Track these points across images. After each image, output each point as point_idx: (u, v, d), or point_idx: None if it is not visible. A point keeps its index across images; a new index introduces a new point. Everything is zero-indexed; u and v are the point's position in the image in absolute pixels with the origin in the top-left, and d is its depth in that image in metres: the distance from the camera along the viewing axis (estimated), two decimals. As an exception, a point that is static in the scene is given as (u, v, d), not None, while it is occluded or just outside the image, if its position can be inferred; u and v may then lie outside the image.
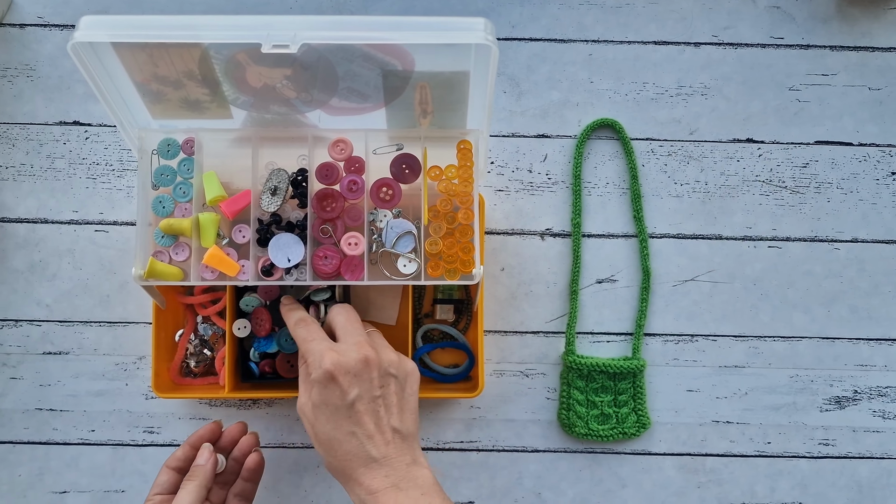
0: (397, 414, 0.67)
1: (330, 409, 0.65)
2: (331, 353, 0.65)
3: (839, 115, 0.86)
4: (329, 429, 0.65)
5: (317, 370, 0.65)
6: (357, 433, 0.65)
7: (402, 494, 0.63)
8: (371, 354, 0.66)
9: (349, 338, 0.67)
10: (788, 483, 0.84)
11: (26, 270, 0.84)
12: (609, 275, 0.86)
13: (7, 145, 0.85)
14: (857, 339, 0.85)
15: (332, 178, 0.75)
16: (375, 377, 0.66)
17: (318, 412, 0.65)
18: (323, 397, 0.65)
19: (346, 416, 0.65)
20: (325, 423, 0.65)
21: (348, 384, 0.65)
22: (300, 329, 0.69)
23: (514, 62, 0.86)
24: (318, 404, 0.65)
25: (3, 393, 0.84)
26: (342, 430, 0.65)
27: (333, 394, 0.65)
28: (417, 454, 0.67)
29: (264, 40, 0.62)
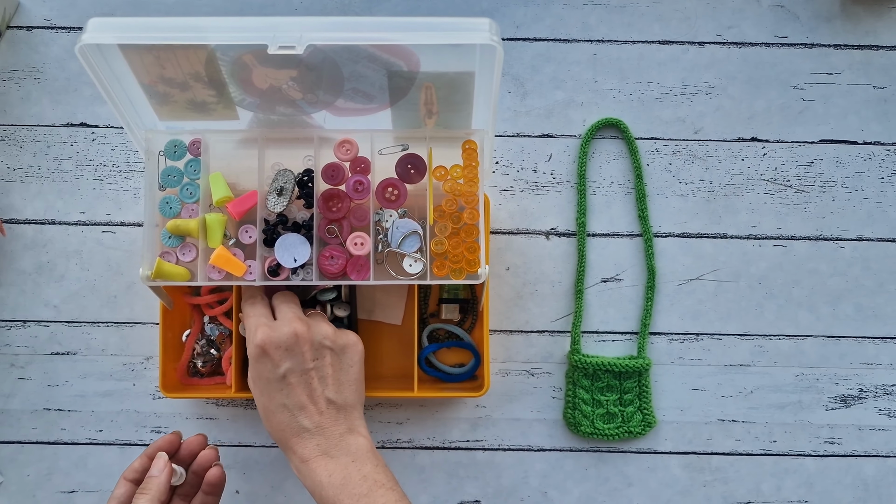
0: (333, 385, 0.69)
1: (263, 381, 0.68)
2: (263, 328, 0.68)
3: (844, 113, 0.86)
4: (264, 401, 0.68)
5: (250, 345, 0.68)
6: (288, 405, 0.68)
7: (333, 462, 0.66)
8: (301, 329, 0.68)
9: (284, 315, 0.70)
10: (794, 481, 0.85)
11: (34, 271, 0.85)
12: (614, 274, 0.86)
13: (15, 147, 0.86)
14: (863, 338, 0.85)
15: (338, 179, 0.75)
16: (307, 350, 0.68)
17: (255, 385, 0.69)
18: (257, 371, 0.68)
19: (277, 388, 0.68)
20: (259, 395, 0.69)
21: (279, 357, 0.68)
22: (246, 306, 0.72)
23: (519, 62, 0.87)
24: (255, 377, 0.69)
25: (11, 393, 0.84)
26: (275, 401, 0.68)
27: (265, 367, 0.68)
28: (356, 424, 0.69)
29: (270, 41, 0.62)
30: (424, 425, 0.85)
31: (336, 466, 0.66)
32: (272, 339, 0.68)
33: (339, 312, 0.79)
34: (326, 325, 0.70)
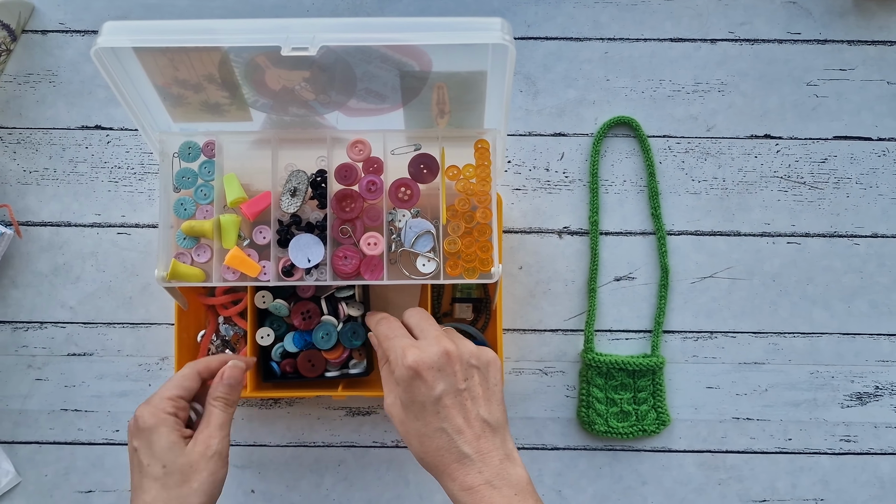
0: (484, 405, 0.65)
1: (417, 405, 0.64)
2: (412, 350, 0.64)
3: (857, 109, 0.86)
4: (419, 426, 0.64)
5: (400, 368, 0.64)
6: (446, 428, 0.63)
7: (497, 493, 0.62)
8: (451, 347, 0.65)
9: (427, 333, 0.67)
10: (810, 479, 0.84)
11: (50, 273, 0.86)
12: (627, 272, 0.86)
13: (31, 150, 0.86)
14: (878, 335, 0.85)
15: (351, 179, 0.75)
16: (458, 370, 0.65)
17: (407, 410, 0.65)
18: (409, 394, 0.64)
19: (433, 411, 0.64)
20: (413, 420, 0.64)
21: (433, 379, 0.64)
22: (381, 326, 0.69)
23: (531, 61, 0.87)
24: (406, 402, 0.64)
25: (29, 394, 0.85)
26: (431, 426, 0.64)
27: (419, 390, 0.64)
28: (510, 448, 0.65)
29: (283, 43, 0.62)
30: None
31: (501, 499, 0.62)
32: (424, 360, 0.64)
33: (352, 312, 0.80)
34: (468, 342, 0.67)
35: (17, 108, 0.86)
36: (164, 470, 0.65)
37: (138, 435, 0.66)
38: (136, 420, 0.67)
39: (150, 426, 0.66)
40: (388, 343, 0.67)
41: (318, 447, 0.85)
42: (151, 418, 0.66)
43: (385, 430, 0.85)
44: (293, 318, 0.79)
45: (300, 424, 0.85)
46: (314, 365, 0.80)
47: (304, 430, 0.85)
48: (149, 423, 0.66)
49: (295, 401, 0.85)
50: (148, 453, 0.66)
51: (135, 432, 0.67)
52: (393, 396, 0.66)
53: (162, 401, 0.67)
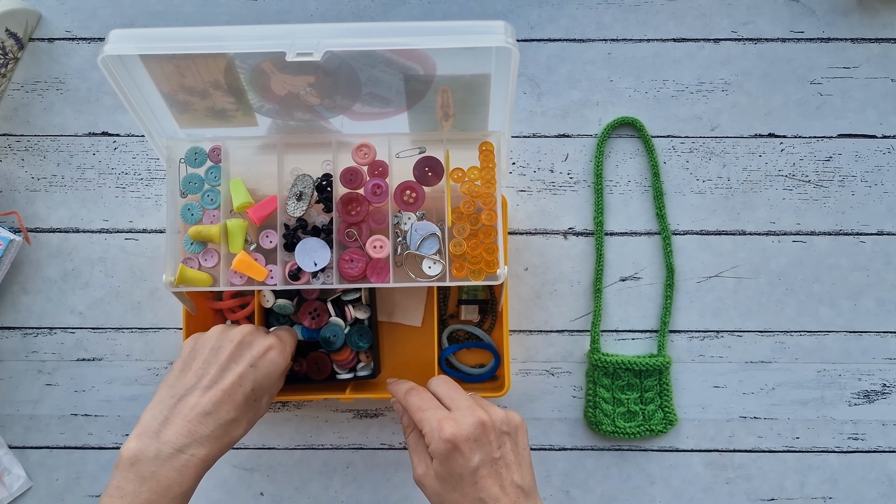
0: (517, 471, 0.65)
1: (454, 478, 0.64)
2: (449, 422, 0.64)
3: (862, 107, 0.86)
4: (456, 497, 0.64)
5: (437, 441, 0.64)
6: (484, 498, 0.63)
7: None
8: (485, 417, 0.65)
9: (459, 404, 0.66)
10: (818, 478, 0.84)
11: (59, 279, 0.86)
12: (633, 272, 0.86)
13: (39, 157, 0.87)
14: (885, 333, 0.85)
15: (357, 183, 0.76)
16: (493, 439, 0.65)
17: (443, 482, 0.64)
18: (447, 467, 0.64)
19: (471, 482, 0.64)
20: (451, 492, 0.64)
21: (470, 451, 0.64)
22: (412, 397, 0.68)
23: (534, 63, 0.87)
24: (443, 475, 0.64)
25: (39, 399, 0.86)
26: (469, 497, 0.64)
27: (457, 462, 0.64)
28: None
29: (288, 49, 0.63)
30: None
31: None
32: (461, 432, 0.63)
33: (359, 314, 0.80)
34: (498, 409, 0.67)
35: (24, 116, 0.87)
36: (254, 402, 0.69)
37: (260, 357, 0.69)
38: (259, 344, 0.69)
39: (280, 368, 0.70)
40: (421, 415, 0.66)
41: (326, 450, 0.85)
42: (282, 359, 0.71)
43: (393, 432, 0.85)
44: (302, 319, 0.79)
45: (308, 427, 0.86)
46: (320, 368, 0.81)
47: (313, 433, 0.86)
48: (278, 362, 0.70)
49: (303, 403, 0.86)
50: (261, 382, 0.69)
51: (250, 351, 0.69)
52: (424, 467, 0.66)
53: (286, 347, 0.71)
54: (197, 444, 0.64)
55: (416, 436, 0.67)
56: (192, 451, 0.64)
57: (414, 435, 0.68)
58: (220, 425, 0.66)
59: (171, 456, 0.63)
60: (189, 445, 0.64)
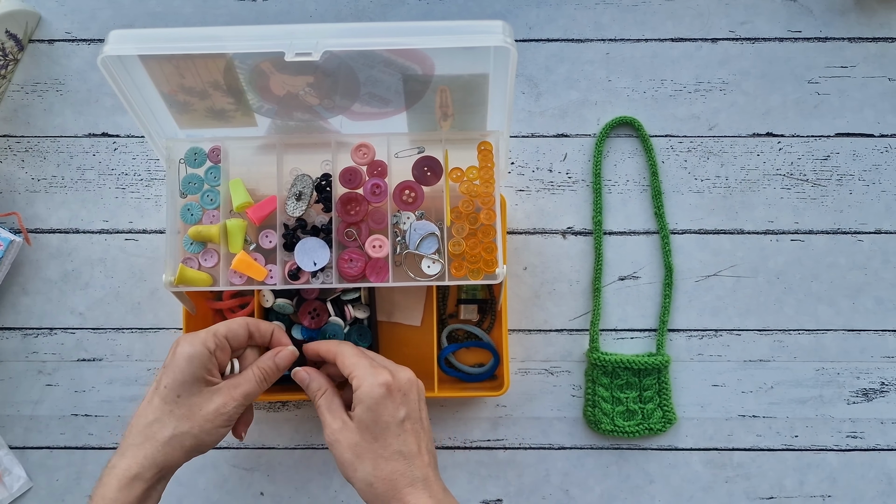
0: (429, 438, 0.68)
1: (380, 426, 0.65)
2: (383, 371, 0.66)
3: (859, 106, 0.86)
4: (376, 448, 0.64)
5: (370, 386, 0.65)
6: (404, 452, 0.65)
7: None
8: (412, 376, 0.67)
9: (385, 362, 0.68)
10: (817, 476, 0.84)
11: (60, 280, 0.86)
12: (631, 272, 0.86)
13: (39, 158, 0.87)
14: (884, 331, 0.85)
15: (356, 182, 0.76)
16: (416, 398, 0.67)
17: (365, 432, 0.65)
18: (374, 413, 0.64)
19: (395, 433, 0.65)
20: (371, 441, 0.65)
21: (400, 401, 0.65)
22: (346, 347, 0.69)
23: (533, 63, 0.87)
24: (367, 422, 0.65)
25: (39, 400, 0.86)
26: (390, 448, 0.64)
27: (386, 410, 0.65)
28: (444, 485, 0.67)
29: (287, 49, 0.63)
30: (445, 425, 0.85)
31: None
32: (395, 383, 0.65)
33: (358, 314, 0.80)
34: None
35: (24, 117, 0.87)
36: (177, 399, 0.65)
37: (172, 356, 0.67)
38: (176, 344, 0.67)
39: (186, 354, 0.66)
40: (355, 360, 0.67)
41: (325, 449, 0.86)
42: (189, 346, 0.66)
43: (393, 432, 0.85)
44: (302, 319, 0.79)
45: (308, 427, 0.86)
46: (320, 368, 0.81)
47: (312, 433, 0.86)
48: (185, 350, 0.66)
49: (302, 403, 0.86)
50: (171, 376, 0.66)
51: (170, 353, 0.67)
52: (341, 423, 0.66)
53: (207, 334, 0.67)
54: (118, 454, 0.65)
55: (331, 396, 0.68)
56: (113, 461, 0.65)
57: (327, 395, 0.68)
58: (139, 430, 0.65)
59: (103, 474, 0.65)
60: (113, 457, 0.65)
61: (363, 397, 0.65)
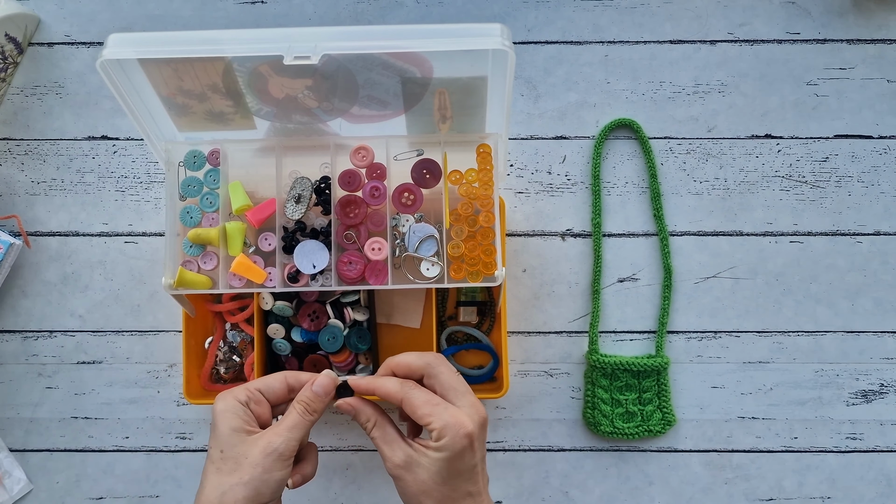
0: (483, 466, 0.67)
1: (454, 473, 0.63)
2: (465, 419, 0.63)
3: (858, 108, 0.86)
4: (446, 491, 0.63)
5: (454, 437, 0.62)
6: (473, 493, 0.64)
7: None
8: (484, 413, 0.65)
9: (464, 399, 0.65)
10: (816, 477, 0.84)
11: (59, 282, 0.87)
12: (630, 273, 0.86)
13: (38, 161, 0.87)
14: (883, 332, 0.85)
15: (355, 185, 0.76)
16: (485, 437, 0.66)
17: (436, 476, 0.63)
18: (454, 463, 0.63)
19: (467, 477, 0.64)
20: (440, 485, 0.63)
21: (478, 447, 0.64)
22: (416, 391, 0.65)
23: (531, 65, 0.87)
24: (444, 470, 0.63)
25: (39, 402, 0.86)
26: (460, 491, 0.64)
27: (465, 458, 0.63)
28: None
29: (286, 52, 0.63)
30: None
31: None
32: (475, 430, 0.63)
33: (358, 316, 0.80)
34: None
35: (24, 120, 0.88)
36: (221, 455, 0.63)
37: (213, 419, 0.65)
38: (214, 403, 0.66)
39: (219, 410, 0.64)
40: (430, 409, 0.64)
41: (325, 451, 0.86)
42: (221, 402, 0.65)
43: (392, 434, 0.86)
44: (301, 321, 0.80)
45: (308, 429, 0.86)
46: (319, 370, 0.81)
47: (312, 435, 0.85)
48: (219, 406, 0.65)
49: (302, 406, 0.86)
50: (213, 435, 0.64)
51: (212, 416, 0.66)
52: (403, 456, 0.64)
53: (239, 388, 0.66)
54: None
55: (383, 425, 0.66)
56: None
57: (379, 426, 0.66)
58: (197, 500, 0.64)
59: None
60: None
61: (445, 448, 0.63)
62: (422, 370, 0.66)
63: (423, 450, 0.64)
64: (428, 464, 0.63)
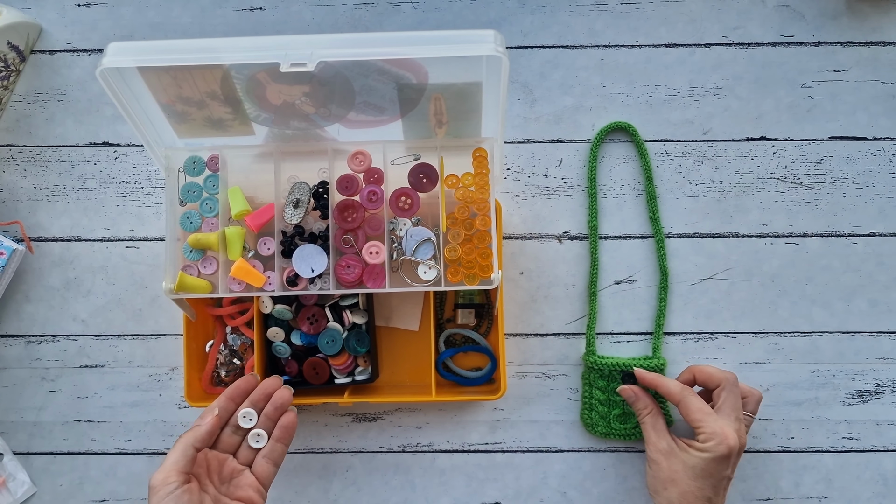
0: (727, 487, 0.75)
1: (706, 475, 0.73)
2: (733, 433, 0.73)
3: (852, 110, 0.87)
4: (694, 487, 0.73)
5: (719, 444, 0.72)
6: (711, 499, 0.73)
7: None
8: (745, 439, 0.75)
9: (737, 423, 0.74)
10: (813, 478, 0.85)
11: (62, 287, 0.88)
12: (627, 275, 0.87)
13: (40, 167, 0.88)
14: (878, 333, 0.86)
15: (353, 190, 0.77)
16: (738, 463, 0.75)
17: (692, 470, 0.73)
18: (711, 466, 0.73)
19: (713, 485, 0.73)
20: (692, 479, 0.73)
21: (733, 463, 0.74)
22: (693, 398, 0.76)
23: (527, 70, 0.88)
24: (701, 468, 0.73)
25: (43, 406, 0.87)
26: (702, 493, 0.73)
27: (721, 466, 0.73)
28: None
29: (283, 59, 0.64)
30: (443, 429, 0.86)
31: None
32: (738, 447, 0.73)
33: (356, 319, 0.81)
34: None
35: (26, 127, 0.89)
36: None
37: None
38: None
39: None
40: (702, 416, 0.74)
41: (325, 453, 0.86)
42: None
43: (392, 436, 0.86)
44: (300, 324, 0.80)
45: (308, 431, 0.87)
46: (319, 373, 0.82)
47: (312, 437, 0.87)
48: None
49: (302, 408, 0.87)
50: None
51: None
52: (667, 445, 0.76)
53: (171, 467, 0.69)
54: None
55: (656, 415, 0.78)
56: None
57: (652, 414, 0.78)
58: None
59: None
60: None
61: (710, 450, 0.73)
62: (720, 381, 0.76)
63: (685, 447, 0.75)
64: (686, 458, 0.74)
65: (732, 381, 0.76)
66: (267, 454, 0.73)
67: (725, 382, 0.76)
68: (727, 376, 0.76)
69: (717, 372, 0.77)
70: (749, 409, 0.78)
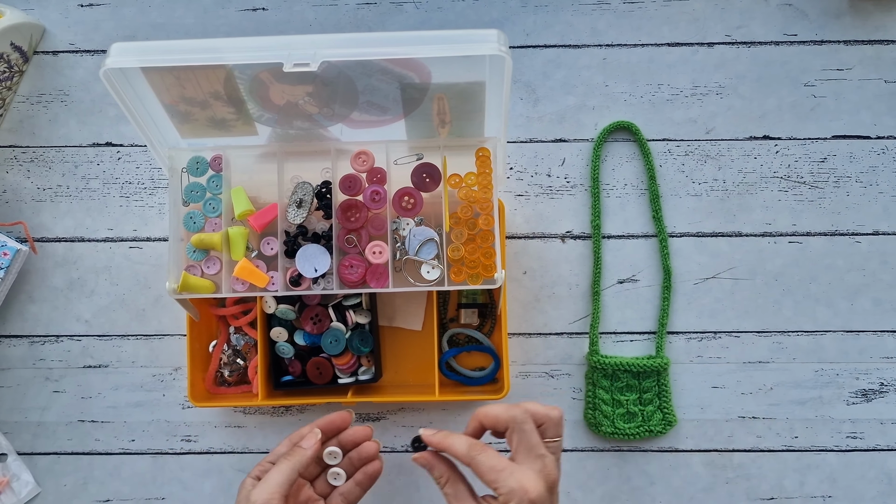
0: None
1: None
2: (531, 484, 0.64)
3: (856, 108, 0.87)
4: None
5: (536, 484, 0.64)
6: None
7: None
8: (555, 475, 0.66)
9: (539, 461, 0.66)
10: (817, 477, 0.85)
11: (65, 288, 0.88)
12: (630, 275, 0.87)
13: (44, 168, 0.89)
14: (882, 332, 0.85)
15: (356, 190, 0.77)
16: (555, 499, 0.66)
17: None
18: None
19: None
20: None
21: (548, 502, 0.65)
22: (482, 457, 0.66)
23: (530, 69, 0.88)
24: None
25: (47, 406, 0.87)
26: None
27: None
28: None
29: (286, 59, 0.64)
30: (447, 428, 0.86)
31: None
32: (541, 497, 0.64)
33: (360, 319, 0.81)
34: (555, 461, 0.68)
35: (30, 128, 0.89)
36: None
37: None
38: None
39: None
40: (496, 475, 0.65)
41: (329, 453, 0.86)
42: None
43: (395, 436, 0.86)
44: (304, 324, 0.80)
45: (311, 431, 0.86)
46: (322, 373, 0.82)
47: (316, 437, 0.86)
48: None
49: (306, 408, 0.87)
50: None
51: None
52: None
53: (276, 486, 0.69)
54: None
55: (455, 483, 0.68)
56: None
57: (451, 483, 0.68)
58: None
59: None
60: None
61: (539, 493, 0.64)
62: (507, 423, 0.67)
63: None
64: None
65: (521, 418, 0.67)
66: (345, 493, 0.74)
67: (513, 423, 0.67)
68: (514, 414, 0.67)
69: (502, 412, 0.68)
70: (550, 434, 0.69)
